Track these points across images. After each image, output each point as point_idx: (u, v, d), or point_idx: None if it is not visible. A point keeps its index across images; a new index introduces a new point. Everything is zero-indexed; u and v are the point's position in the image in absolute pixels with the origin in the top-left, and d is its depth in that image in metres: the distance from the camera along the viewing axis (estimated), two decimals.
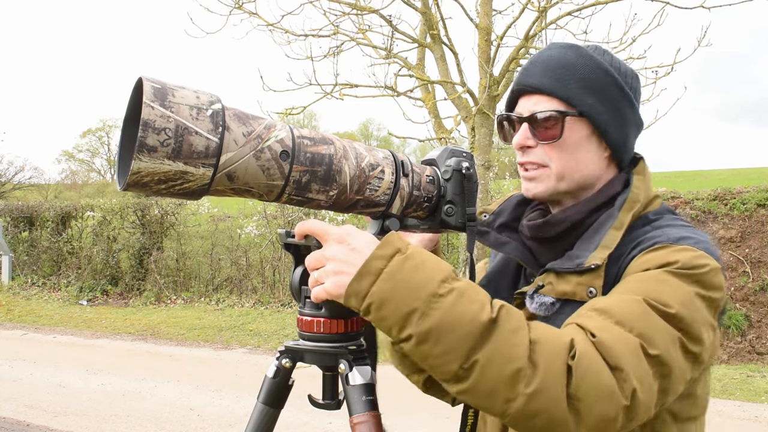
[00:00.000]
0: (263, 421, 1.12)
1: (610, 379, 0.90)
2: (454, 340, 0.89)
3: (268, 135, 0.97)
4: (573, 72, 1.15)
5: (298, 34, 7.74)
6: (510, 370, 0.88)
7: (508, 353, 0.89)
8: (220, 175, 0.93)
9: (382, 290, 0.92)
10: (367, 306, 0.93)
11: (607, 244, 1.09)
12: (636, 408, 0.91)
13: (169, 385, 6.56)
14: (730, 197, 8.22)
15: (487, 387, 0.89)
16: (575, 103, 1.14)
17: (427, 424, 4.92)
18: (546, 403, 0.88)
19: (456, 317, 0.90)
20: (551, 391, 0.88)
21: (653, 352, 0.93)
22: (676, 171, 31.14)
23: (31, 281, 12.53)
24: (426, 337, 0.90)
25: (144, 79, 0.88)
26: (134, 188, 0.89)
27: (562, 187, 1.17)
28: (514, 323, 0.92)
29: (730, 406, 5.78)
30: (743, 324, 7.61)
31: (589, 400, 0.88)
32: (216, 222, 12.36)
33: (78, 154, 47.57)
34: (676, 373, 0.96)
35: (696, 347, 0.98)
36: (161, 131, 0.86)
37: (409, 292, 0.91)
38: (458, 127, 7.93)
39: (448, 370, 0.91)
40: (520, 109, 1.19)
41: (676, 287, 1.00)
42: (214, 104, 0.92)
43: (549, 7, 7.24)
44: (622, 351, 0.92)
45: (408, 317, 0.91)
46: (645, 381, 0.92)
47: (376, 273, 0.93)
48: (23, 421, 5.45)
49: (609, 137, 1.17)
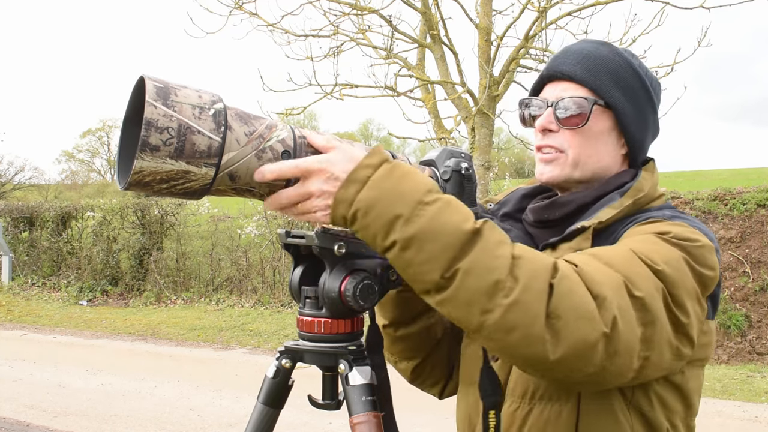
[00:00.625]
0: (263, 421, 1.12)
1: (590, 304, 0.89)
2: (437, 248, 0.89)
3: (269, 135, 0.97)
4: (605, 65, 1.18)
5: (298, 35, 7.74)
6: (490, 280, 0.88)
7: (490, 264, 0.89)
8: (221, 174, 0.93)
9: (368, 197, 0.92)
10: (354, 213, 0.93)
11: (601, 217, 1.11)
12: (617, 340, 0.90)
13: (169, 385, 6.56)
14: (730, 197, 8.22)
15: (466, 296, 0.89)
16: (604, 94, 1.16)
17: (428, 424, 4.92)
18: (523, 317, 0.87)
19: (440, 225, 0.90)
20: (530, 306, 0.87)
21: (637, 294, 0.93)
22: (676, 171, 31.12)
23: (31, 281, 12.53)
24: (409, 243, 0.90)
25: (146, 77, 0.88)
26: (136, 188, 0.89)
27: (576, 174, 1.18)
28: (497, 237, 0.92)
29: (730, 407, 5.78)
30: (743, 324, 7.60)
31: (568, 320, 0.88)
32: (216, 222, 12.36)
33: (78, 155, 47.64)
34: (659, 327, 0.95)
35: (680, 313, 0.98)
36: (164, 130, 0.86)
37: (395, 199, 0.91)
38: (458, 127, 7.93)
39: (430, 279, 0.90)
40: (546, 94, 1.21)
41: (666, 249, 1.01)
42: (216, 103, 0.92)
43: (549, 7, 7.23)
44: (604, 281, 0.92)
45: (393, 223, 0.90)
46: (626, 316, 0.91)
47: (363, 181, 0.93)
48: (23, 421, 5.45)
49: (629, 134, 1.18)
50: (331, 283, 1.04)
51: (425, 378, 1.33)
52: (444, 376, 1.33)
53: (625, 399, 1.05)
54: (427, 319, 1.26)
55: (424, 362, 1.31)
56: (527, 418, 1.08)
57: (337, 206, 0.94)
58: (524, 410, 1.08)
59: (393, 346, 1.30)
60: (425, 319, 1.26)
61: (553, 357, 0.88)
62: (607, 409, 1.05)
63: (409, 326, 1.26)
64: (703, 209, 8.20)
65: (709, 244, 1.05)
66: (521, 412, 1.08)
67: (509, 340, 0.88)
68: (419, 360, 1.30)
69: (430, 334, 1.28)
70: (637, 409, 1.06)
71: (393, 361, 1.33)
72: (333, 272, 1.05)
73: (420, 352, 1.29)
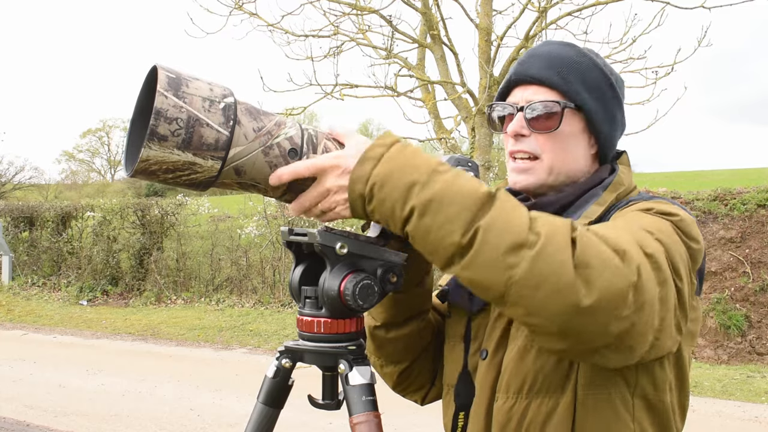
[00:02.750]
0: (263, 421, 1.12)
1: (614, 255, 0.89)
2: (455, 210, 0.90)
3: (278, 132, 0.97)
4: (572, 67, 1.18)
5: (298, 35, 7.74)
6: (512, 235, 0.87)
7: (510, 221, 0.89)
8: (227, 168, 0.93)
9: (383, 171, 0.94)
10: (370, 188, 0.95)
11: (589, 215, 1.12)
12: (643, 290, 0.89)
13: (169, 385, 6.56)
14: (730, 197, 8.22)
15: (489, 255, 0.87)
16: (574, 97, 1.17)
17: (428, 425, 4.93)
18: (552, 266, 0.85)
19: (456, 189, 0.91)
20: (556, 255, 0.86)
21: (649, 251, 0.94)
22: (676, 171, 31.13)
23: (32, 281, 12.53)
24: (427, 208, 0.91)
25: (159, 67, 0.89)
26: (142, 175, 0.90)
27: (550, 180, 1.18)
28: (513, 202, 0.93)
29: (731, 407, 5.78)
30: (743, 324, 7.60)
31: (598, 267, 0.86)
32: (216, 222, 12.36)
33: (78, 155, 47.69)
34: (669, 288, 0.95)
35: (678, 280, 0.98)
36: (173, 121, 0.87)
37: (411, 170, 0.93)
38: (458, 127, 7.94)
39: (451, 241, 0.90)
40: (515, 98, 1.21)
41: (655, 221, 1.03)
42: (227, 97, 0.92)
43: (549, 7, 7.24)
44: (621, 238, 0.92)
45: (410, 189, 0.92)
46: (647, 270, 0.91)
47: (377, 158, 0.95)
48: (23, 421, 5.46)
49: (600, 134, 1.19)
50: (331, 281, 1.04)
51: (410, 383, 1.33)
52: (428, 382, 1.33)
53: (629, 387, 1.05)
54: (419, 322, 1.26)
55: (411, 366, 1.30)
56: (525, 414, 1.08)
57: (353, 185, 0.96)
58: (521, 406, 1.08)
59: (382, 349, 1.29)
60: (417, 321, 1.25)
61: (586, 303, 0.85)
62: (605, 399, 1.05)
63: (400, 328, 1.25)
64: (703, 209, 8.20)
65: (690, 218, 1.08)
66: (518, 408, 1.08)
67: (539, 296, 0.86)
68: (407, 364, 1.30)
69: (420, 338, 1.27)
70: (642, 395, 1.06)
71: (379, 364, 1.32)
72: (333, 271, 1.04)
73: (408, 356, 1.29)
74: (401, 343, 1.27)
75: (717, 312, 7.66)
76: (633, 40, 7.17)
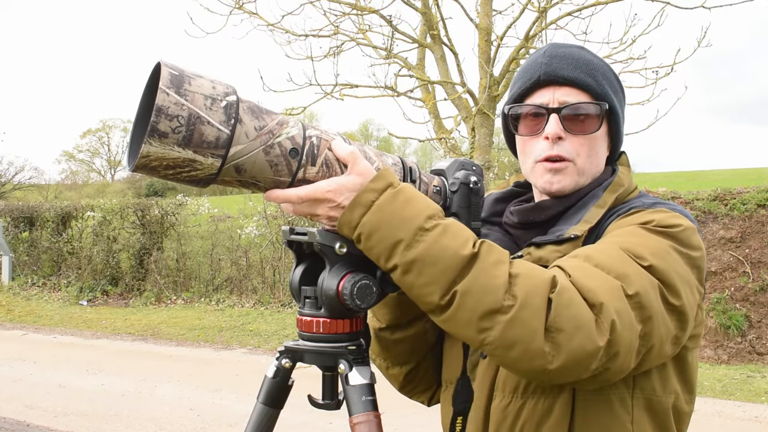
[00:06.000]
0: (263, 421, 1.12)
1: (589, 314, 0.91)
2: (436, 272, 0.93)
3: (279, 131, 0.97)
4: (598, 69, 1.17)
5: (299, 34, 7.74)
6: (488, 300, 0.91)
7: (487, 284, 0.92)
8: (228, 166, 0.93)
9: (371, 221, 0.96)
10: (357, 235, 0.97)
11: (589, 219, 1.12)
12: (617, 343, 0.92)
13: (169, 385, 6.56)
14: (730, 197, 8.22)
15: (466, 317, 0.92)
16: (606, 98, 1.16)
17: (428, 425, 4.92)
18: (522, 333, 0.90)
19: (439, 250, 0.93)
20: (528, 322, 0.90)
21: (631, 292, 0.95)
22: (676, 171, 31.13)
23: (32, 281, 12.53)
24: (410, 268, 0.94)
25: (162, 64, 0.89)
26: (142, 171, 0.91)
27: (582, 181, 1.17)
28: (495, 257, 0.95)
29: (731, 407, 5.78)
30: (743, 324, 7.60)
31: (568, 332, 0.90)
32: (216, 222, 12.36)
33: (78, 155, 47.68)
34: (657, 321, 0.97)
35: (675, 299, 0.99)
36: (174, 118, 0.87)
37: (397, 224, 0.95)
38: (458, 127, 7.94)
39: (431, 300, 0.94)
40: (543, 99, 1.17)
41: (651, 240, 1.02)
42: (229, 96, 0.93)
43: (549, 7, 7.24)
44: (600, 287, 0.94)
45: (394, 248, 0.95)
46: (624, 317, 0.93)
47: (367, 205, 0.96)
48: (23, 421, 5.45)
49: (619, 134, 1.20)
50: (330, 281, 1.04)
51: (417, 384, 1.33)
52: (435, 382, 1.33)
53: (628, 388, 1.06)
54: (424, 323, 1.26)
55: (418, 367, 1.30)
56: (520, 413, 1.08)
57: (342, 228, 0.99)
58: (516, 405, 1.08)
59: (388, 351, 1.29)
60: (422, 322, 1.25)
61: (553, 367, 0.91)
62: (603, 399, 1.05)
63: (406, 329, 1.25)
64: (703, 209, 8.20)
65: (692, 226, 1.07)
66: (513, 407, 1.08)
67: (510, 356, 0.92)
68: (413, 365, 1.30)
69: (425, 338, 1.27)
70: (642, 396, 1.06)
71: (384, 366, 1.33)
72: (332, 271, 1.04)
73: (414, 357, 1.29)
74: (407, 344, 1.27)
75: (717, 312, 7.66)
76: (633, 40, 7.18)
